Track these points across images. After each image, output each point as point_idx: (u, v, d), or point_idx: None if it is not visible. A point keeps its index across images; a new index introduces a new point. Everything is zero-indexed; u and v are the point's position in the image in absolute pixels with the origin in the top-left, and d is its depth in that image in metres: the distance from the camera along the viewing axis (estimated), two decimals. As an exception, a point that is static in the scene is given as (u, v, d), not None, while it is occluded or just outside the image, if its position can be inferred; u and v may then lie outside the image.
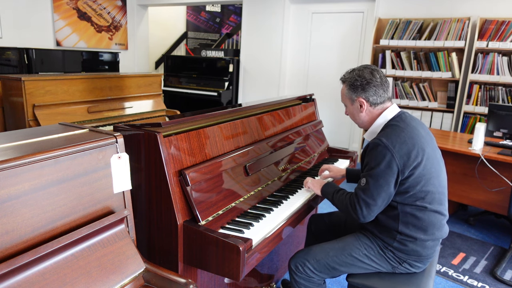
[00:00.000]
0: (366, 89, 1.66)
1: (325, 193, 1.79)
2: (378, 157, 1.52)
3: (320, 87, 5.64)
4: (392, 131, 1.57)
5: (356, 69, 1.71)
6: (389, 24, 4.67)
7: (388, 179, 1.51)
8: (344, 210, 1.63)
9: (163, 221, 1.43)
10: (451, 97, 4.39)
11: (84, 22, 6.38)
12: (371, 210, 1.55)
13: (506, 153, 2.84)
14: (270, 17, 5.78)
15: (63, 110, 3.02)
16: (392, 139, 1.53)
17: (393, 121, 1.64)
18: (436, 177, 1.59)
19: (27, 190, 1.00)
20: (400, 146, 1.51)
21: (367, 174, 1.56)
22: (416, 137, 1.56)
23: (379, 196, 1.53)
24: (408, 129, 1.58)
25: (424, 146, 1.57)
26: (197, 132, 1.56)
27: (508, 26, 3.97)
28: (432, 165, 1.58)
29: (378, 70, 1.69)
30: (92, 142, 1.16)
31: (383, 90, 1.67)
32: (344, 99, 1.77)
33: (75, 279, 1.05)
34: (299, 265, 1.70)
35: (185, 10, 8.51)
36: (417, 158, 1.52)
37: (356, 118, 1.76)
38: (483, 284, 2.48)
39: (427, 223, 1.57)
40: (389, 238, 1.62)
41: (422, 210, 1.57)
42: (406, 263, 1.63)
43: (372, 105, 1.68)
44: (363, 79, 1.66)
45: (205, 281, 1.64)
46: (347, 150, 2.65)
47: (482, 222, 3.45)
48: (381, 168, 1.51)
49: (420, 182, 1.54)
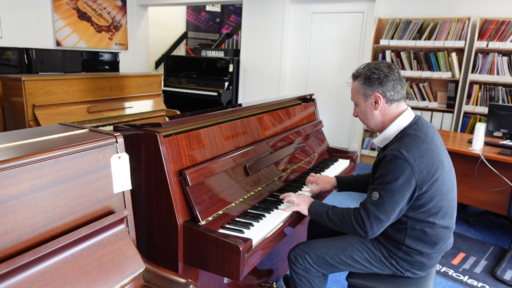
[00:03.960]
0: (383, 82, 1.52)
1: (314, 213, 1.64)
2: (397, 171, 1.40)
3: (320, 87, 5.64)
4: (412, 142, 1.45)
5: (371, 63, 1.58)
6: (389, 24, 4.67)
7: (405, 195, 1.42)
8: (347, 228, 1.52)
9: (163, 221, 1.43)
10: (451, 97, 4.39)
11: (84, 22, 6.38)
12: (382, 227, 1.46)
13: (506, 153, 2.84)
14: (270, 17, 5.78)
15: (63, 110, 3.01)
16: (412, 152, 1.41)
17: (410, 129, 1.51)
18: (450, 191, 1.52)
19: (27, 190, 1.00)
20: (420, 160, 1.41)
21: (381, 188, 1.44)
22: (436, 150, 1.47)
23: (393, 212, 1.43)
24: (428, 140, 1.47)
25: (442, 159, 1.48)
26: (197, 132, 1.56)
27: (508, 26, 3.97)
28: (449, 179, 1.51)
29: (395, 65, 1.58)
30: (92, 142, 1.16)
31: (401, 86, 1.54)
32: (356, 95, 1.62)
33: (75, 279, 1.05)
34: (299, 257, 1.68)
35: (185, 10, 8.51)
36: (436, 173, 1.44)
37: (369, 117, 1.60)
38: (483, 284, 2.48)
39: (435, 238, 1.51)
40: (394, 248, 1.57)
41: (431, 226, 1.50)
42: (409, 271, 1.59)
43: (388, 102, 1.54)
44: (380, 72, 1.52)
45: (205, 281, 1.64)
46: (347, 150, 2.65)
47: (482, 222, 3.45)
48: (398, 183, 1.40)
49: (435, 197, 1.46)
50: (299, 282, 1.70)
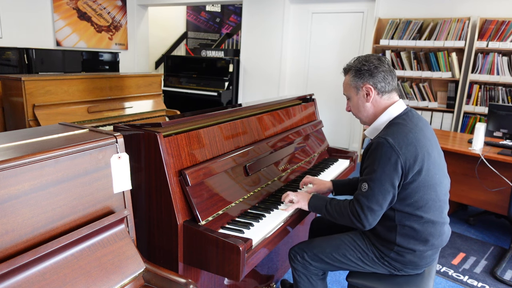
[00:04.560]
0: (374, 74, 1.52)
1: (314, 206, 1.64)
2: (383, 158, 1.41)
3: (320, 87, 5.64)
4: (399, 130, 1.45)
5: (361, 56, 1.58)
6: (389, 24, 4.67)
7: (394, 182, 1.42)
8: (345, 221, 1.53)
9: (163, 221, 1.43)
10: (451, 97, 4.39)
11: (84, 22, 6.38)
12: (377, 216, 1.47)
13: (506, 153, 2.84)
14: (270, 17, 5.78)
15: (63, 110, 3.02)
16: (398, 139, 1.42)
17: (399, 119, 1.52)
18: (439, 184, 1.51)
19: (27, 190, 1.00)
20: (406, 147, 1.41)
21: (369, 178, 1.45)
22: (423, 140, 1.47)
23: (385, 200, 1.44)
24: (416, 130, 1.47)
25: (430, 150, 1.47)
26: (197, 132, 1.56)
27: (508, 26, 3.97)
28: (437, 172, 1.50)
29: (385, 57, 1.59)
30: (92, 142, 1.16)
31: (391, 77, 1.54)
32: (347, 89, 1.62)
33: (75, 279, 1.05)
34: (298, 255, 1.71)
35: (185, 10, 8.51)
36: (422, 163, 1.43)
37: (361, 110, 1.60)
38: (483, 284, 2.48)
39: (426, 234, 1.51)
40: (386, 249, 1.56)
41: (420, 222, 1.49)
42: (402, 271, 1.59)
43: (380, 93, 1.54)
44: (370, 64, 1.53)
45: (205, 281, 1.64)
46: (347, 150, 2.65)
47: (482, 222, 3.45)
48: (385, 170, 1.41)
49: (421, 189, 1.46)
50: (299, 278, 1.73)
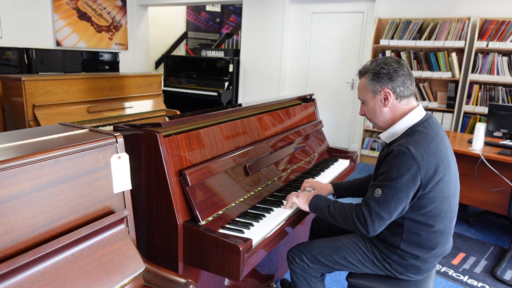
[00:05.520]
0: (393, 78, 1.47)
1: (315, 207, 1.59)
2: (403, 168, 1.35)
3: (320, 87, 5.64)
4: (421, 140, 1.39)
5: (379, 59, 1.53)
6: (389, 24, 4.67)
7: (409, 193, 1.37)
8: (348, 225, 1.48)
9: (163, 221, 1.43)
10: (451, 97, 4.39)
11: (84, 22, 6.38)
12: (384, 224, 1.41)
13: (506, 153, 2.84)
14: (270, 17, 5.78)
15: (63, 110, 3.01)
16: (421, 150, 1.36)
17: (420, 126, 1.46)
18: (453, 195, 1.47)
19: (27, 190, 1.00)
20: (428, 158, 1.36)
21: (385, 185, 1.39)
22: (445, 150, 1.42)
23: (395, 210, 1.38)
24: (437, 139, 1.42)
25: (450, 161, 1.43)
26: (197, 132, 1.56)
27: (508, 26, 3.97)
28: (453, 183, 1.46)
29: (404, 60, 1.53)
30: (92, 142, 1.16)
31: (410, 82, 1.49)
32: (363, 93, 1.55)
33: (75, 279, 1.05)
34: (296, 257, 1.69)
35: (185, 10, 8.51)
36: (442, 174, 1.39)
37: (377, 115, 1.54)
38: (483, 284, 2.48)
39: (432, 243, 1.47)
40: (389, 251, 1.53)
41: (429, 231, 1.46)
42: (403, 275, 1.56)
43: (398, 98, 1.48)
44: (390, 67, 1.47)
45: (205, 281, 1.64)
46: (347, 150, 2.65)
47: (482, 222, 3.45)
48: (403, 180, 1.35)
49: (437, 200, 1.42)
50: (297, 280, 1.72)
